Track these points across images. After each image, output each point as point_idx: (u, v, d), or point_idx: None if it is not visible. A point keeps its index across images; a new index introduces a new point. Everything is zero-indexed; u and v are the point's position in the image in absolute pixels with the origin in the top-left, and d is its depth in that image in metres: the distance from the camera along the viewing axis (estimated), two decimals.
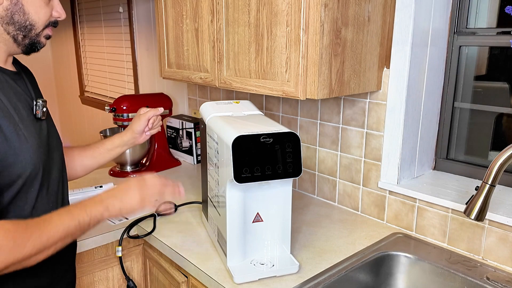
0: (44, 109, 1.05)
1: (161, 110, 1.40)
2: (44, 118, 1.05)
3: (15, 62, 1.08)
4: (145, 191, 1.06)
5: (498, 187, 1.34)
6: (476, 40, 1.39)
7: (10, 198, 0.95)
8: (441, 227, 1.34)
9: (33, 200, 1.00)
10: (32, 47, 1.03)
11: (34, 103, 1.03)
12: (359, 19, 1.26)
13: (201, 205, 1.56)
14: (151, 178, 1.09)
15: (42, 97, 1.08)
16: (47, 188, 1.03)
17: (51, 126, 1.11)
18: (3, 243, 0.84)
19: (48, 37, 1.05)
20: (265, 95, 1.86)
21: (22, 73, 1.08)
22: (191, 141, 2.14)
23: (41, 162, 1.00)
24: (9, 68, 1.03)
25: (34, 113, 1.03)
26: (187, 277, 1.30)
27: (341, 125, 1.58)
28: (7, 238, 0.85)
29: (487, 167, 1.02)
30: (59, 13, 1.05)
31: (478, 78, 1.43)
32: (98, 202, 1.01)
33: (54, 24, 1.05)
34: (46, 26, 1.03)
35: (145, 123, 1.38)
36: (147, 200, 1.06)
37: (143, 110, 1.41)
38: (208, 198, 1.35)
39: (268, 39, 1.28)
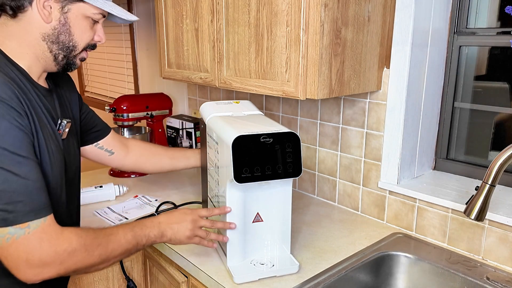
0: (67, 130, 1.07)
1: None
2: (64, 137, 1.07)
3: (49, 77, 1.09)
4: (196, 226, 1.12)
5: (498, 187, 1.34)
6: (476, 40, 1.39)
7: None
8: (441, 227, 1.34)
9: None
10: (67, 67, 1.05)
11: (59, 121, 1.05)
12: (359, 19, 1.26)
13: (201, 205, 1.56)
14: (199, 213, 1.14)
15: (68, 116, 1.11)
16: (61, 201, 1.05)
17: (72, 146, 1.13)
18: (77, 247, 0.89)
19: (82, 60, 1.07)
20: (265, 95, 1.86)
21: (54, 90, 1.09)
22: (191, 141, 2.14)
23: (62, 181, 1.03)
24: (42, 83, 1.04)
25: (57, 131, 1.04)
26: (187, 277, 1.30)
27: (341, 125, 1.58)
28: (80, 243, 0.90)
29: (487, 167, 1.02)
30: (101, 37, 1.07)
31: (478, 78, 1.43)
32: (156, 226, 1.07)
33: (92, 47, 1.07)
34: (85, 49, 1.05)
35: None
36: (195, 237, 1.12)
37: None
38: (208, 198, 1.34)
39: (268, 39, 1.28)
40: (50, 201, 0.90)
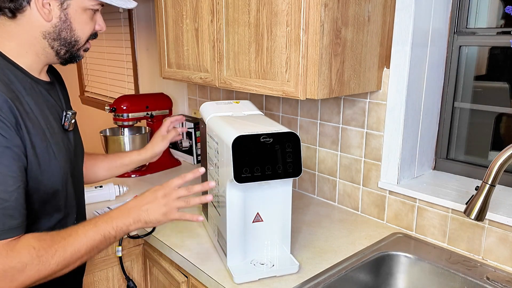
0: (73, 121, 1.06)
1: (180, 124, 1.37)
2: (71, 129, 1.07)
3: (49, 70, 1.09)
4: (171, 199, 1.04)
5: (498, 187, 1.34)
6: (476, 40, 1.39)
7: (39, 206, 0.97)
8: (441, 227, 1.34)
9: (61, 207, 1.03)
10: (71, 60, 1.04)
11: (64, 114, 1.04)
12: (359, 19, 1.26)
13: (201, 205, 1.56)
14: (170, 185, 1.06)
15: (71, 108, 1.11)
16: (69, 194, 1.06)
17: (77, 136, 1.13)
18: (29, 261, 0.85)
19: (86, 50, 1.06)
20: (265, 95, 1.85)
21: (56, 82, 1.09)
22: (191, 141, 2.14)
23: (68, 175, 1.03)
24: (43, 78, 1.03)
25: (62, 124, 1.04)
26: (187, 277, 1.30)
27: (341, 125, 1.58)
28: (32, 256, 0.86)
29: (487, 167, 1.02)
30: (101, 26, 1.06)
31: (478, 78, 1.43)
32: (125, 214, 1.01)
33: (94, 36, 1.06)
34: (87, 40, 1.05)
35: (167, 144, 1.42)
36: (173, 212, 1.04)
37: (164, 128, 1.43)
38: None
39: (268, 39, 1.28)
40: (18, 223, 0.87)
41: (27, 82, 0.96)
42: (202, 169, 1.06)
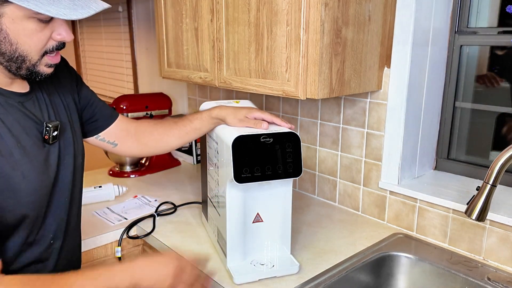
0: (55, 133, 0.95)
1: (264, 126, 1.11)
2: (54, 142, 0.96)
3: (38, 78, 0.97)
4: (179, 280, 0.92)
5: (499, 187, 1.33)
6: (477, 39, 1.38)
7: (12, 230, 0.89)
8: (442, 227, 1.34)
9: (37, 227, 0.95)
10: (31, 76, 0.89)
11: (44, 126, 0.93)
12: (360, 19, 1.25)
13: (201, 205, 1.55)
14: (188, 266, 0.96)
15: (58, 118, 0.99)
16: (48, 214, 0.97)
17: (66, 146, 1.01)
18: None
19: (50, 66, 0.91)
20: (265, 95, 1.85)
21: (38, 91, 0.97)
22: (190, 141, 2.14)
23: (42, 194, 0.93)
24: (17, 89, 0.92)
25: (43, 137, 0.94)
26: None
27: (341, 125, 1.57)
28: None
29: (488, 167, 1.02)
30: (62, 35, 0.87)
31: (479, 77, 1.43)
32: (128, 274, 0.88)
33: (58, 47, 0.89)
34: (44, 54, 0.88)
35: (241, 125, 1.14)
36: None
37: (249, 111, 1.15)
38: (208, 198, 1.34)
39: (268, 38, 1.27)
40: None
41: None
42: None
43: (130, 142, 1.26)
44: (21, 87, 0.94)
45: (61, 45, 0.89)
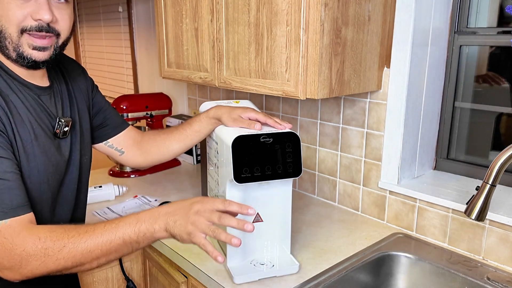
0: (66, 129, 1.01)
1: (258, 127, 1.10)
2: (65, 137, 1.02)
3: (60, 73, 1.06)
4: (200, 219, 0.88)
5: (498, 187, 1.33)
6: (477, 39, 1.39)
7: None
8: (441, 227, 1.34)
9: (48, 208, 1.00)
10: (24, 62, 0.91)
11: (57, 120, 1.00)
12: (360, 19, 1.25)
13: None
14: (208, 205, 0.90)
15: (71, 114, 1.06)
16: (44, 203, 1.00)
17: (75, 143, 1.07)
18: (31, 252, 0.81)
19: (35, 48, 0.91)
20: (265, 95, 1.85)
21: (56, 88, 1.04)
22: None
23: (46, 184, 0.98)
24: (37, 82, 0.98)
25: (54, 130, 1.00)
26: (186, 277, 1.30)
27: (341, 125, 1.57)
28: (36, 247, 0.82)
29: (488, 167, 1.02)
30: (40, 14, 0.87)
31: (478, 77, 1.43)
32: (152, 218, 0.89)
33: (38, 28, 0.89)
34: (23, 32, 0.89)
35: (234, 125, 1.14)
36: (197, 235, 0.89)
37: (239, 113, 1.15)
38: None
39: (268, 38, 1.27)
40: (23, 201, 0.86)
41: (12, 84, 0.93)
42: (252, 210, 0.90)
43: (135, 149, 1.32)
44: (41, 81, 1.00)
45: (43, 27, 0.90)
